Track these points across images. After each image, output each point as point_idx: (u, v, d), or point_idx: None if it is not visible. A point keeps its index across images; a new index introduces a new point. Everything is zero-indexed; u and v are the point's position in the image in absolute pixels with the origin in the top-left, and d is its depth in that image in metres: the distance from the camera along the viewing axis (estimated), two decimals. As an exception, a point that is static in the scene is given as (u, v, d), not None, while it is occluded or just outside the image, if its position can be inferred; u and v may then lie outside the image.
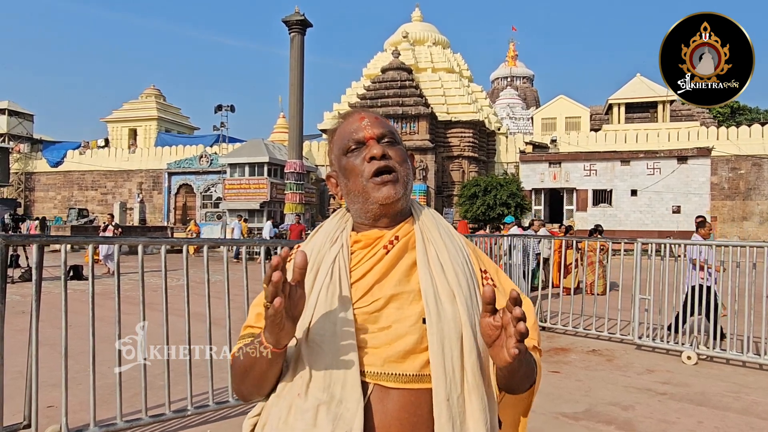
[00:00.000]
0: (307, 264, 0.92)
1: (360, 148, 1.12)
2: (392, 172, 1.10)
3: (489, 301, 0.91)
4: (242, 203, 26.81)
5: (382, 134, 1.13)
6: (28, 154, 38.06)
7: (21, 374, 3.28)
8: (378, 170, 1.09)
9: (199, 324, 3.70)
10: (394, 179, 1.09)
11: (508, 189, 25.02)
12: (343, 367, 0.98)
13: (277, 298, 0.87)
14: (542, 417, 3.81)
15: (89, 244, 3.60)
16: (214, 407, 3.63)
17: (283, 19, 21.78)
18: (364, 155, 1.10)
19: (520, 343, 0.87)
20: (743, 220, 27.55)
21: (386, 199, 1.08)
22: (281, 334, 0.93)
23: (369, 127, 1.13)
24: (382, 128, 1.14)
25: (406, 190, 1.12)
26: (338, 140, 1.16)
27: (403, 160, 1.13)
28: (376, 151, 1.09)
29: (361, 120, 1.14)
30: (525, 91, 52.03)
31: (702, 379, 4.89)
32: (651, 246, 6.09)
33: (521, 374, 1.01)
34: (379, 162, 1.09)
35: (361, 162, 1.11)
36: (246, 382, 1.05)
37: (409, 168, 1.14)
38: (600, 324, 6.55)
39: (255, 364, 0.99)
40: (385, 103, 26.77)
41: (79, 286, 9.31)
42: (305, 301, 0.96)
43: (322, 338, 1.00)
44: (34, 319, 2.97)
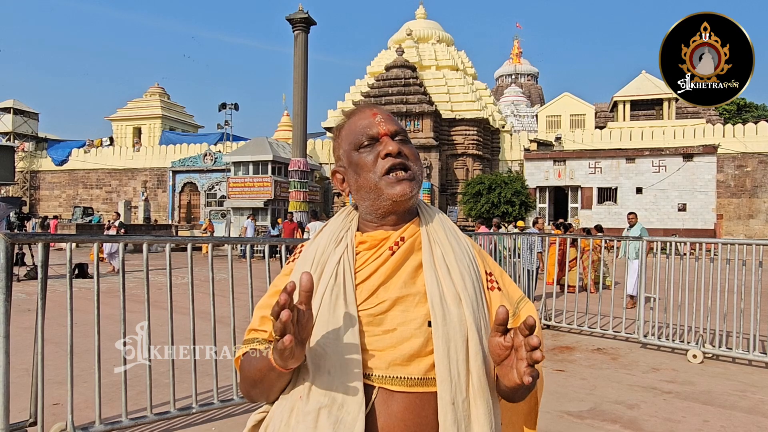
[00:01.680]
0: (313, 287, 0.90)
1: (373, 144, 1.10)
2: (407, 169, 1.08)
3: (501, 322, 0.90)
4: (246, 201, 26.83)
5: (396, 131, 1.11)
6: (33, 153, 38.22)
7: (27, 372, 3.30)
8: (393, 166, 1.07)
9: (204, 322, 3.71)
10: (409, 177, 1.08)
11: (513, 187, 24.95)
12: (346, 371, 0.97)
13: (287, 336, 0.85)
14: (547, 415, 3.80)
15: (94, 242, 3.61)
16: (219, 405, 3.64)
17: (287, 17, 21.75)
18: (379, 151, 1.09)
19: (532, 369, 0.87)
20: (749, 218, 27.39)
21: (401, 197, 1.06)
22: (289, 360, 0.92)
23: (383, 123, 1.11)
24: (396, 125, 1.12)
25: (418, 188, 1.11)
26: (348, 135, 1.13)
27: (416, 158, 1.12)
28: (392, 148, 1.07)
29: (374, 116, 1.12)
30: (529, 89, 51.90)
31: (708, 378, 4.86)
32: (656, 244, 6.06)
33: (524, 389, 1.01)
34: (395, 159, 1.08)
35: (375, 158, 1.09)
36: (254, 391, 1.06)
37: (421, 166, 1.13)
38: (605, 322, 6.53)
39: (264, 379, 1.00)
40: (389, 101, 26.73)
41: (85, 284, 9.34)
42: (313, 322, 0.94)
43: (326, 341, 0.99)
44: (39, 317, 2.97)
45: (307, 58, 21.92)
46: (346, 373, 0.97)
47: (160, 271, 5.88)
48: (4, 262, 2.81)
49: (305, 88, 21.80)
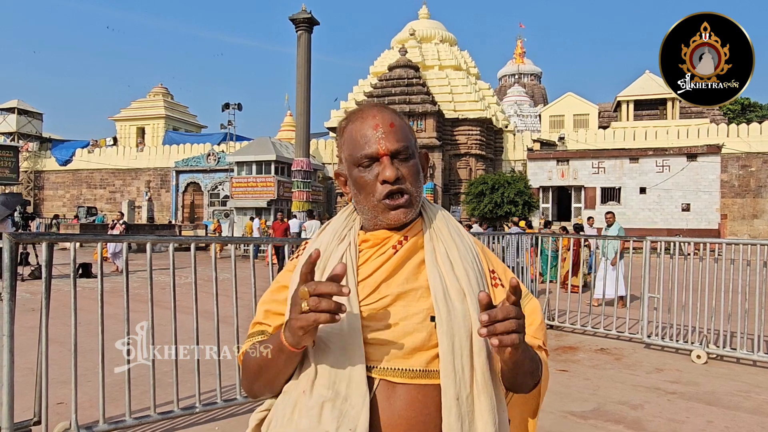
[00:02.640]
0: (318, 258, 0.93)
1: (372, 164, 1.06)
2: (405, 194, 1.06)
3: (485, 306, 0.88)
4: (250, 201, 26.86)
5: (397, 150, 1.06)
6: (38, 153, 38.36)
7: (31, 371, 3.31)
8: (390, 192, 1.06)
9: (208, 322, 3.71)
10: (406, 203, 1.06)
11: (516, 187, 24.93)
12: (349, 364, 0.97)
13: (338, 305, 0.87)
14: (551, 416, 3.79)
15: (98, 242, 3.62)
16: (222, 405, 3.64)
17: (291, 17, 21.77)
18: (377, 173, 1.06)
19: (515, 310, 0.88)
20: (754, 218, 27.31)
21: (396, 222, 1.07)
22: (305, 336, 0.91)
23: (383, 140, 1.05)
24: (397, 141, 1.06)
25: (416, 208, 1.09)
26: (349, 144, 1.09)
27: (416, 176, 1.08)
28: (389, 174, 1.04)
29: (375, 128, 1.06)
30: (533, 89, 51.83)
31: (712, 379, 4.85)
32: (660, 244, 6.04)
33: (525, 369, 1.00)
34: (392, 186, 1.05)
35: (374, 180, 1.06)
36: (259, 381, 1.05)
37: (421, 184, 1.11)
38: (608, 322, 6.51)
39: (270, 365, 1.00)
40: (392, 101, 26.74)
41: (88, 283, 9.37)
42: None
43: (328, 335, 0.99)
44: (43, 316, 2.98)
45: (310, 58, 21.92)
46: (349, 366, 0.97)
47: (164, 271, 5.90)
48: (8, 262, 2.82)
49: (308, 88, 21.81)
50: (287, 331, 0.93)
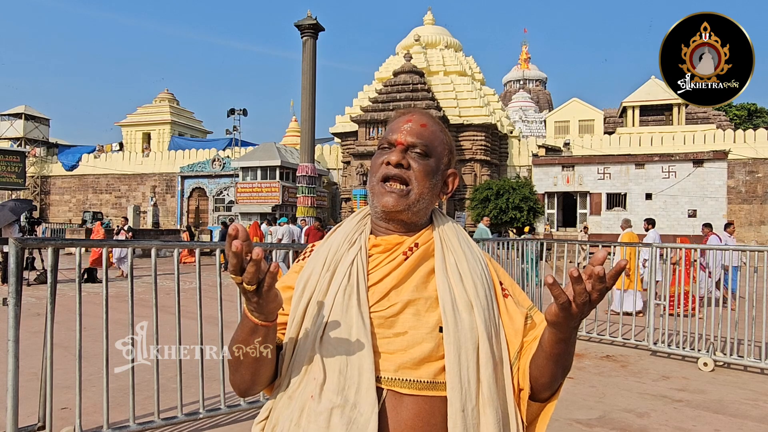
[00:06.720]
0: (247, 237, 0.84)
1: (388, 149, 1.12)
2: (404, 183, 1.08)
3: (598, 263, 0.84)
4: (255, 206, 26.94)
5: (414, 144, 1.10)
6: (44, 158, 38.61)
7: (36, 376, 3.32)
8: (386, 176, 1.08)
9: (212, 327, 3.71)
10: (400, 192, 1.07)
11: (521, 192, 24.89)
12: (358, 371, 0.97)
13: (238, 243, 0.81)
14: (556, 423, 3.77)
15: (103, 247, 3.63)
16: (226, 411, 3.64)
17: (296, 23, 21.89)
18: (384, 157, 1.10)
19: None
20: (761, 224, 27.14)
21: (384, 207, 1.08)
22: (265, 304, 0.88)
23: (405, 132, 1.10)
24: (418, 138, 1.10)
25: (414, 205, 1.08)
26: (384, 132, 1.16)
27: (426, 175, 1.09)
28: (394, 158, 1.08)
29: (406, 123, 1.12)
30: (538, 94, 51.83)
31: (719, 386, 4.80)
32: (666, 251, 6.01)
33: (567, 353, 0.98)
34: (389, 168, 1.08)
35: (381, 163, 1.11)
36: (237, 375, 1.02)
37: (431, 185, 1.11)
38: (614, 329, 6.48)
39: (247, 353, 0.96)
40: (396, 106, 26.76)
41: (93, 288, 9.40)
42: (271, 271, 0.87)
43: (338, 340, 0.99)
44: (48, 321, 2.99)
45: (315, 64, 22.02)
46: (359, 373, 0.97)
47: (168, 276, 5.91)
48: (14, 267, 2.83)
49: (313, 94, 21.89)
50: (248, 304, 0.91)
